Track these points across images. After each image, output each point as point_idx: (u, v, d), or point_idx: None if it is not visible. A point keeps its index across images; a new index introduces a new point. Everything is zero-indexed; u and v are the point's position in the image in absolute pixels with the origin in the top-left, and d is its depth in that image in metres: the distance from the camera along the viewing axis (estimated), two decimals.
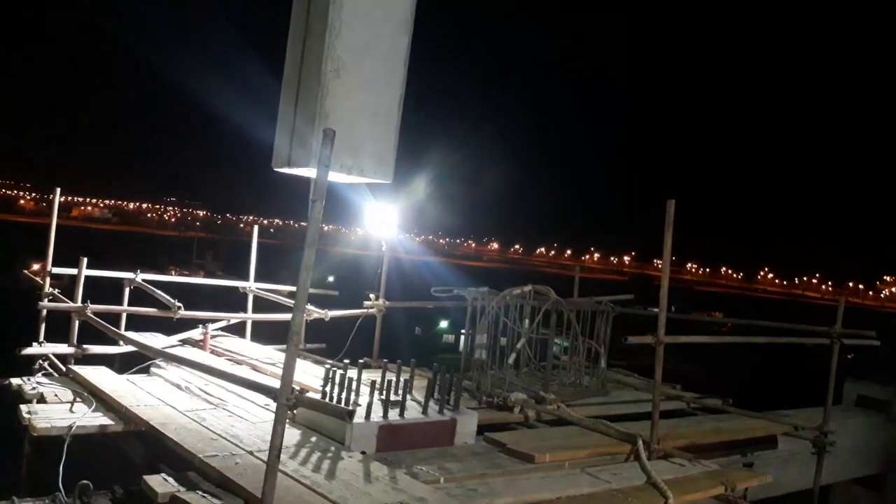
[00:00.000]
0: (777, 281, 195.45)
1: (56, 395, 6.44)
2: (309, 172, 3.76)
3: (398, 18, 3.74)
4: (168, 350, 7.60)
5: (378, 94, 3.73)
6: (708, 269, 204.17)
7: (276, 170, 4.04)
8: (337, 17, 3.52)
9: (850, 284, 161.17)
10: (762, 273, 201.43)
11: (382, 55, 3.71)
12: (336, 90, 3.59)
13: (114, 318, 8.24)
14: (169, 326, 8.61)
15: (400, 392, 5.89)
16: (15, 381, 6.72)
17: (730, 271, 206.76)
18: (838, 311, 7.49)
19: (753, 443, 7.58)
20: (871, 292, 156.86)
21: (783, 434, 7.81)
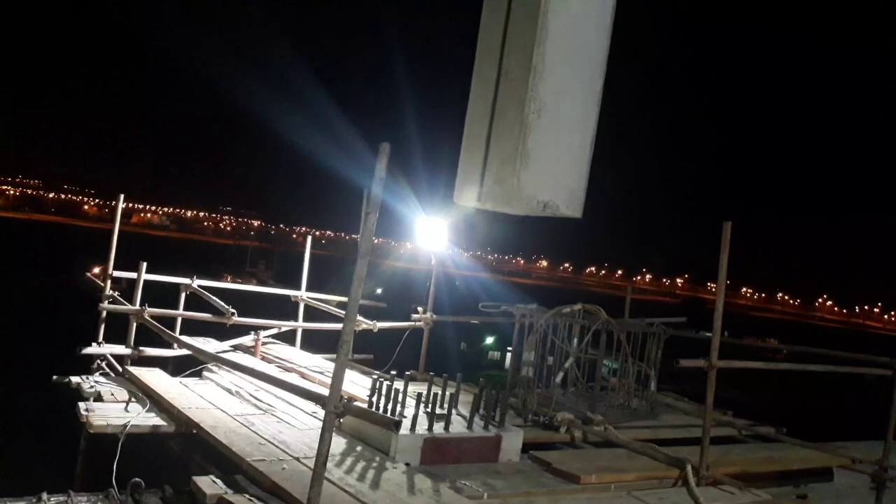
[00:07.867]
0: (836, 309, 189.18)
1: (112, 395, 6.65)
2: (506, 209, 3.87)
3: (595, 62, 3.87)
4: (220, 355, 7.76)
5: (573, 134, 3.86)
6: (763, 295, 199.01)
7: (459, 204, 4.14)
8: (541, 60, 3.65)
9: None
10: (820, 300, 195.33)
11: (579, 97, 3.85)
12: (537, 131, 3.70)
13: (168, 322, 8.47)
14: (222, 332, 8.81)
15: (445, 406, 5.89)
16: (74, 379, 6.98)
17: (786, 297, 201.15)
18: None
19: (808, 474, 7.33)
20: None
21: (839, 466, 7.53)
